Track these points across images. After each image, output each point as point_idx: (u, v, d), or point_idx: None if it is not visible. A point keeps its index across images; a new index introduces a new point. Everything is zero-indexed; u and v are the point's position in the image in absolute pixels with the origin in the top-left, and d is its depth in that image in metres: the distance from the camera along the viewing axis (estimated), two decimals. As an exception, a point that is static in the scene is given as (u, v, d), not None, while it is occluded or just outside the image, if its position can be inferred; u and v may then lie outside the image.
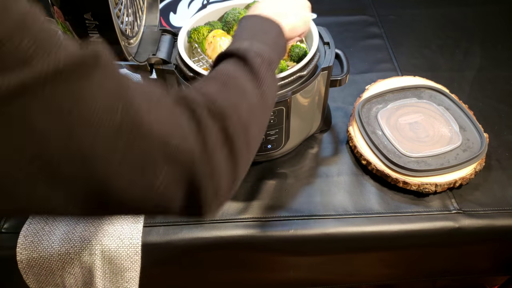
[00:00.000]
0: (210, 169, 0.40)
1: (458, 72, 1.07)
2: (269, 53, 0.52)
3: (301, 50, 0.79)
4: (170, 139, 0.37)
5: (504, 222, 0.78)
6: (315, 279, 0.88)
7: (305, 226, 0.77)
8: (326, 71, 0.79)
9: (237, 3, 0.88)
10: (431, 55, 1.13)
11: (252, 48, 0.51)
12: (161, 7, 1.30)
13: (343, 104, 0.99)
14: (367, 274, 0.89)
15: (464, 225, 0.78)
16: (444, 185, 0.80)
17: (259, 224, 0.77)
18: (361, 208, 0.80)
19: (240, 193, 0.82)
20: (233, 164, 0.42)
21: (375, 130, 0.89)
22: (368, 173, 0.85)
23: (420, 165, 0.82)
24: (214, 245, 0.76)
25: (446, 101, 0.94)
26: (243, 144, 0.43)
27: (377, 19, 1.25)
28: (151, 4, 0.85)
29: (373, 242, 0.78)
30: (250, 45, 0.51)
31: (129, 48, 0.72)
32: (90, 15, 0.58)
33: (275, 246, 0.78)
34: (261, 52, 0.51)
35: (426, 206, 0.80)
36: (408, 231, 0.77)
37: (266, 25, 0.57)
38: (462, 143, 0.86)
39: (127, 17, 0.71)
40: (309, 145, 0.91)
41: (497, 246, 0.83)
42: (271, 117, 0.74)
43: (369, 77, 1.04)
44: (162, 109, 0.38)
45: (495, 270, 0.91)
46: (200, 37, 0.83)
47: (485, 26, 1.21)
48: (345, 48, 1.11)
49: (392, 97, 0.95)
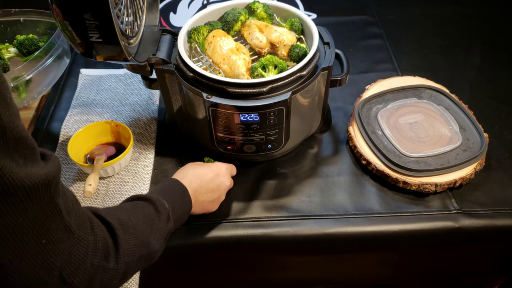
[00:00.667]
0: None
1: (458, 72, 1.07)
2: (170, 205, 0.62)
3: (301, 50, 0.79)
4: (69, 266, 0.41)
5: (504, 222, 0.78)
6: (315, 279, 0.88)
7: (305, 226, 0.77)
8: (326, 71, 0.79)
9: (237, 3, 0.88)
10: (431, 55, 1.13)
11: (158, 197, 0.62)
12: (161, 7, 1.30)
13: (343, 104, 0.99)
14: (367, 274, 0.89)
15: (464, 225, 0.77)
16: (444, 185, 0.80)
17: (259, 224, 0.77)
18: (361, 208, 0.80)
19: (240, 193, 0.82)
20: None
21: (375, 130, 0.89)
22: (368, 173, 0.85)
23: (420, 165, 0.82)
24: (214, 245, 0.76)
25: (446, 101, 0.94)
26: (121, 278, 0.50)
27: (377, 19, 1.24)
28: (151, 4, 0.84)
29: (373, 242, 0.78)
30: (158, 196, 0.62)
31: (129, 48, 0.72)
32: (90, 15, 0.58)
33: (275, 246, 0.78)
34: (163, 203, 0.61)
35: (426, 206, 0.80)
36: (408, 231, 0.77)
37: (177, 186, 0.67)
38: (462, 143, 0.86)
39: (127, 17, 0.71)
40: (309, 145, 0.91)
41: (497, 246, 0.83)
42: (271, 117, 0.74)
43: (369, 77, 1.04)
44: (72, 239, 0.42)
45: (495, 270, 0.91)
46: (200, 37, 0.82)
47: (485, 26, 1.21)
48: (345, 48, 1.11)
49: (392, 97, 0.95)
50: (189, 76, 0.74)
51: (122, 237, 0.50)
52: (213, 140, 0.80)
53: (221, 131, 0.77)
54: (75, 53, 1.10)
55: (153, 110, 0.97)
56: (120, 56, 0.66)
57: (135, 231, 0.53)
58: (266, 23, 0.84)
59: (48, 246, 0.38)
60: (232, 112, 0.73)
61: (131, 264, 0.51)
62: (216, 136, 0.78)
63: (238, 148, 0.79)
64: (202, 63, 0.82)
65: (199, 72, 0.73)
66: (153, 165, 0.87)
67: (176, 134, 0.91)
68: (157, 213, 0.59)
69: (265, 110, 0.73)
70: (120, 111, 0.97)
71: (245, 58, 0.77)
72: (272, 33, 0.81)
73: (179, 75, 0.76)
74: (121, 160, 0.82)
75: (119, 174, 0.85)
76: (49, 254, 0.38)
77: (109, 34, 0.61)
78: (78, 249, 0.42)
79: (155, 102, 0.99)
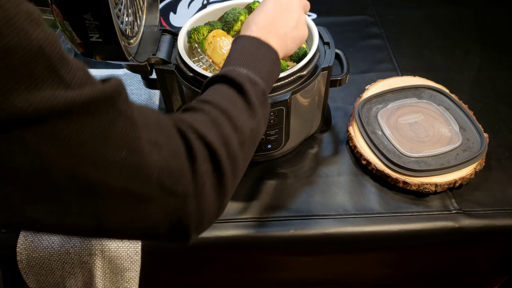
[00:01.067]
0: (200, 209, 0.43)
1: (458, 72, 1.07)
2: (264, 82, 0.52)
3: (301, 50, 0.79)
4: (166, 181, 0.39)
5: (504, 222, 0.78)
6: (315, 279, 0.88)
7: (305, 226, 0.77)
8: (326, 71, 0.79)
9: (237, 3, 0.88)
10: (431, 55, 1.13)
11: (249, 75, 0.51)
12: (161, 7, 1.30)
13: (343, 104, 0.99)
14: (367, 274, 0.89)
15: (464, 225, 0.78)
16: (444, 185, 0.80)
17: (259, 224, 0.77)
18: (361, 208, 0.80)
19: (240, 193, 0.82)
20: (220, 198, 0.45)
21: (375, 130, 0.89)
22: (368, 173, 0.85)
23: (420, 165, 0.82)
24: (214, 245, 0.76)
25: (446, 101, 0.94)
26: (231, 177, 0.46)
27: (377, 19, 1.24)
28: (151, 4, 0.84)
29: (373, 242, 0.78)
30: (246, 73, 0.51)
31: (129, 48, 0.72)
32: (90, 15, 0.58)
33: (275, 246, 0.78)
34: (256, 81, 0.51)
35: (426, 206, 0.80)
36: (408, 231, 0.77)
37: (263, 50, 0.56)
38: (462, 143, 0.86)
39: (127, 17, 0.71)
40: (309, 145, 0.91)
41: (497, 246, 0.83)
42: (271, 117, 0.74)
43: (369, 77, 1.04)
44: (163, 150, 0.40)
45: (495, 270, 0.91)
46: (200, 37, 0.82)
47: (485, 26, 1.21)
48: (345, 48, 1.11)
49: (392, 97, 0.95)
50: (189, 76, 0.74)
51: (215, 138, 0.45)
52: (213, 140, 0.80)
53: (221, 131, 0.77)
54: (75, 53, 1.10)
55: (153, 110, 0.97)
56: (120, 56, 0.66)
57: (228, 122, 0.47)
58: (266, 23, 0.84)
59: (132, 158, 0.36)
60: (232, 112, 0.73)
61: (236, 157, 0.46)
62: (216, 136, 0.78)
63: (238, 148, 0.79)
64: (202, 63, 0.82)
65: (199, 72, 0.73)
66: (153, 165, 0.86)
67: (176, 134, 0.91)
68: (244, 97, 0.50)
69: (265, 110, 0.73)
70: (120, 111, 0.97)
71: (245, 58, 0.77)
72: (272, 33, 0.81)
73: (179, 75, 0.76)
74: (121, 160, 0.82)
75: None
76: (136, 166, 0.37)
77: (109, 34, 0.61)
78: (174, 158, 0.40)
79: (155, 102, 0.99)
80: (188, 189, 0.41)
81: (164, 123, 0.43)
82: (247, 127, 0.48)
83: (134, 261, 0.75)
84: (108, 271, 0.76)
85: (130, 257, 0.75)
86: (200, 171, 0.42)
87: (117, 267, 0.75)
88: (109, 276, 0.76)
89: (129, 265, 0.75)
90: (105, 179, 0.35)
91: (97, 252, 0.74)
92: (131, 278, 0.76)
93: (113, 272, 0.76)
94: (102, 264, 0.75)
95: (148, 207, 0.39)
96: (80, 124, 0.33)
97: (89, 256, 0.74)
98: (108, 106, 0.35)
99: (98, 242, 0.74)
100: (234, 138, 0.46)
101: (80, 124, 0.33)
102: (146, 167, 0.37)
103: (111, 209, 0.37)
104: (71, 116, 0.32)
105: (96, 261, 0.74)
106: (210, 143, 0.44)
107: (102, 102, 0.34)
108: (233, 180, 0.47)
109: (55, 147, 0.32)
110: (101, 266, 0.75)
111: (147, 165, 0.38)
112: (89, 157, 0.34)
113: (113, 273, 0.76)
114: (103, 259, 0.75)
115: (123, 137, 0.36)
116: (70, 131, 0.32)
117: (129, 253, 0.75)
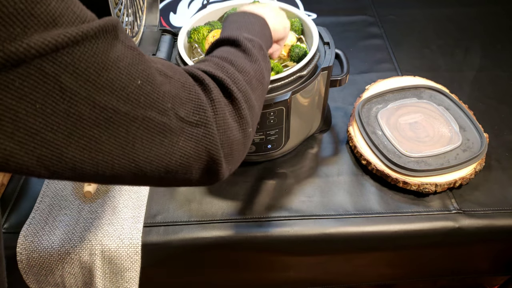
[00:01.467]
0: (225, 138, 0.44)
1: (458, 72, 1.07)
2: (258, 39, 0.55)
3: (301, 50, 0.79)
4: (180, 111, 0.40)
5: (504, 222, 0.78)
6: (315, 279, 0.88)
7: (305, 226, 0.77)
8: (326, 71, 0.79)
9: (237, 3, 0.88)
10: (431, 55, 1.13)
11: (242, 34, 0.54)
12: (161, 7, 1.30)
13: (343, 104, 0.99)
14: (367, 274, 0.89)
15: (464, 225, 0.77)
16: (444, 185, 0.80)
17: (259, 224, 0.77)
18: (361, 208, 0.79)
19: (240, 193, 0.82)
20: (242, 128, 0.46)
21: (375, 130, 0.89)
22: (368, 173, 0.85)
23: (420, 165, 0.82)
24: (214, 245, 0.76)
25: (446, 101, 0.94)
26: (247, 110, 0.47)
27: (377, 19, 1.24)
28: (151, 4, 0.85)
29: (373, 242, 0.78)
30: (240, 33, 0.54)
31: (129, 48, 0.72)
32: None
33: (275, 246, 0.78)
34: (251, 38, 0.54)
35: (426, 206, 0.80)
36: (408, 231, 0.77)
37: (251, 18, 0.60)
38: (462, 143, 0.86)
39: (127, 17, 0.71)
40: (309, 145, 0.91)
41: (497, 246, 0.83)
42: (271, 117, 0.74)
43: (369, 77, 1.04)
44: (172, 81, 0.41)
45: (495, 270, 0.90)
46: (200, 37, 0.82)
47: (485, 26, 1.21)
48: (345, 48, 1.11)
49: (392, 97, 0.95)
50: (189, 76, 0.74)
51: (223, 74, 0.47)
52: (213, 140, 0.80)
53: (221, 131, 0.77)
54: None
55: (153, 110, 0.97)
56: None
57: (231, 65, 0.49)
58: (266, 23, 0.84)
59: (147, 87, 0.38)
60: (232, 112, 0.73)
61: (246, 92, 0.47)
62: (216, 136, 0.78)
63: (238, 148, 0.79)
64: (202, 63, 0.82)
65: (199, 72, 0.73)
66: (153, 165, 0.86)
67: (176, 134, 0.91)
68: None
69: (265, 110, 0.73)
70: (120, 111, 0.97)
71: (245, 58, 0.77)
72: (272, 33, 0.81)
73: (179, 75, 0.76)
74: (121, 160, 0.82)
75: (119, 174, 0.84)
76: (152, 95, 0.38)
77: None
78: (184, 89, 0.42)
79: (155, 102, 0.99)
80: (207, 117, 0.42)
81: (168, 62, 0.44)
82: (250, 69, 0.50)
83: (134, 261, 0.75)
84: (108, 271, 0.76)
85: (130, 257, 0.75)
86: (216, 99, 0.43)
87: (117, 267, 0.75)
88: (109, 276, 0.76)
89: (129, 265, 0.75)
90: (126, 108, 0.36)
91: (97, 252, 0.74)
92: (131, 278, 0.76)
93: (113, 272, 0.76)
94: (102, 264, 0.75)
95: (173, 139, 0.40)
96: (93, 52, 0.34)
97: (89, 256, 0.74)
98: (112, 37, 0.36)
99: (98, 242, 0.74)
100: (239, 76, 0.48)
101: (93, 52, 0.34)
102: (160, 96, 0.39)
103: (139, 142, 0.37)
104: (84, 44, 0.33)
105: (96, 261, 0.74)
106: (219, 77, 0.45)
107: (109, 30, 0.35)
108: (251, 113, 0.48)
109: (73, 76, 0.32)
110: (101, 266, 0.75)
111: (161, 94, 0.39)
112: (107, 85, 0.34)
113: (113, 273, 0.76)
114: (103, 259, 0.75)
115: (135, 67, 0.37)
116: (85, 59, 0.33)
117: (129, 253, 0.75)
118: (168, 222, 0.77)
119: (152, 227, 0.77)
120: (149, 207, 0.80)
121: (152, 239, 0.76)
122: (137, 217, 0.78)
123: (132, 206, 0.79)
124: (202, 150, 0.42)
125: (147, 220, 0.78)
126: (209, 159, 0.43)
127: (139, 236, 0.75)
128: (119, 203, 0.79)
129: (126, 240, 0.75)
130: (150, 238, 0.76)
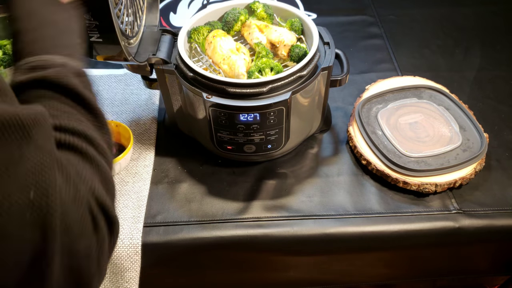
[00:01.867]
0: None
1: (458, 72, 1.07)
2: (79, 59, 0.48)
3: (301, 50, 0.79)
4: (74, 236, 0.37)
5: (504, 222, 0.78)
6: (315, 279, 0.88)
7: (305, 226, 0.77)
8: (326, 71, 0.79)
9: (237, 3, 0.88)
10: (431, 55, 1.13)
11: (68, 65, 0.45)
12: (161, 7, 1.30)
13: (343, 104, 0.99)
14: (367, 274, 0.89)
15: (464, 225, 0.77)
16: (444, 185, 0.80)
17: (259, 224, 0.77)
18: (361, 208, 0.80)
19: (240, 193, 0.82)
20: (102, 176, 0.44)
21: (375, 130, 0.89)
22: (368, 173, 0.85)
23: (420, 165, 0.82)
24: (214, 245, 0.76)
25: (446, 101, 0.94)
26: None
27: (377, 19, 1.24)
28: (151, 4, 0.85)
29: (373, 242, 0.78)
30: (63, 62, 0.45)
31: (129, 48, 0.72)
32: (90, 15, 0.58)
33: (275, 246, 0.78)
34: (80, 72, 0.46)
35: (426, 206, 0.80)
36: (408, 231, 0.77)
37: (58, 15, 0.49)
38: (462, 143, 0.86)
39: (127, 17, 0.71)
40: (309, 145, 0.91)
41: (497, 246, 0.83)
42: (271, 117, 0.74)
43: (369, 77, 1.04)
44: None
45: (495, 270, 0.90)
46: (200, 37, 0.82)
47: (485, 26, 1.21)
48: (345, 48, 1.10)
49: (392, 97, 0.95)
50: (189, 76, 0.74)
51: None
52: (213, 140, 0.80)
53: (221, 131, 0.77)
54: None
55: (153, 110, 0.97)
56: (120, 56, 0.66)
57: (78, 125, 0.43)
58: (266, 23, 0.84)
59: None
60: (232, 112, 0.73)
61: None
62: (216, 136, 0.78)
63: (238, 148, 0.79)
64: (202, 63, 0.82)
65: (199, 72, 0.73)
66: (153, 165, 0.87)
67: (176, 134, 0.91)
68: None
69: (265, 110, 0.73)
70: (120, 111, 0.97)
71: (245, 58, 0.77)
72: (272, 33, 0.81)
73: (179, 75, 0.76)
74: (121, 160, 0.82)
75: (119, 174, 0.85)
76: None
77: (109, 34, 0.61)
78: None
79: (155, 102, 0.99)
80: (91, 240, 0.40)
81: None
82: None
83: (134, 261, 0.75)
84: (108, 271, 0.76)
85: (130, 257, 0.75)
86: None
87: (117, 267, 0.75)
88: (109, 276, 0.76)
89: (129, 265, 0.75)
90: (10, 221, 0.31)
91: (97, 252, 0.74)
92: (131, 278, 0.76)
93: (113, 272, 0.76)
94: (102, 264, 0.75)
95: (48, 261, 0.35)
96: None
97: (89, 256, 0.74)
98: (27, 135, 0.31)
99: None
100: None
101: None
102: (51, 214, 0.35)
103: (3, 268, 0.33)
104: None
105: (96, 261, 0.74)
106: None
107: (19, 126, 0.31)
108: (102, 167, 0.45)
109: None
110: (101, 266, 0.75)
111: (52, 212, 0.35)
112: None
113: (113, 273, 0.76)
114: (103, 259, 0.75)
115: (34, 175, 0.32)
116: None
117: (129, 253, 0.75)
118: (168, 222, 0.77)
119: (152, 227, 0.77)
120: (149, 207, 0.80)
121: (152, 239, 0.76)
122: (137, 217, 0.78)
123: (132, 206, 0.79)
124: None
125: (147, 220, 0.78)
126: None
127: (139, 236, 0.75)
128: (119, 203, 0.79)
129: (126, 240, 0.75)
130: (150, 238, 0.76)
